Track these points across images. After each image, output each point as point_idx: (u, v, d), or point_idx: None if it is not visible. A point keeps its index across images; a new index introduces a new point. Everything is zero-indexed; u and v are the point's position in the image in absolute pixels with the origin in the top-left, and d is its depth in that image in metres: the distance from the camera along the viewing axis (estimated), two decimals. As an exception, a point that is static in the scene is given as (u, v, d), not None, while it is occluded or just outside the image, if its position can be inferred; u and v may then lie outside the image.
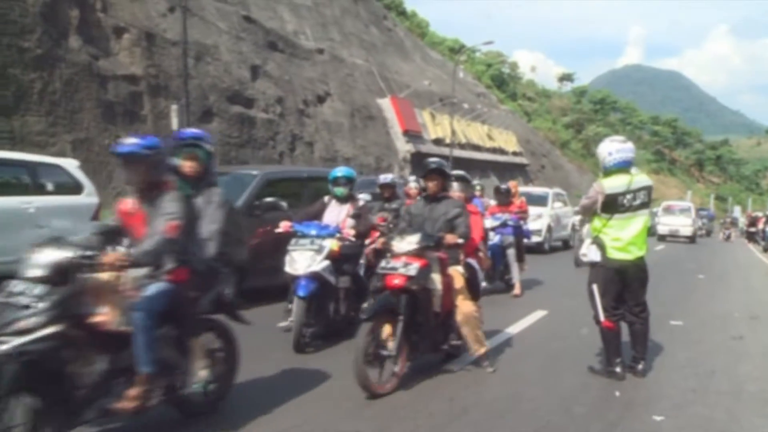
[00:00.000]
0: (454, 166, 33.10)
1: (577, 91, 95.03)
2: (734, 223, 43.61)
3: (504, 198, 10.18)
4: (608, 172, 5.19)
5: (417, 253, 4.81)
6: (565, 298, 9.32)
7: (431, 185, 5.28)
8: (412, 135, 35.34)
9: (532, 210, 16.11)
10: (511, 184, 10.69)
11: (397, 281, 4.71)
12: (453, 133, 37.00)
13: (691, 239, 27.93)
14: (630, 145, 5.26)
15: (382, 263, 4.95)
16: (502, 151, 46.31)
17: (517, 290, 9.53)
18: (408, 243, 4.87)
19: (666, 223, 27.73)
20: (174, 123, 18.33)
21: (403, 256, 4.80)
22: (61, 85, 16.73)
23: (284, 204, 7.87)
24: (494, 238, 9.09)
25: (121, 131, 18.32)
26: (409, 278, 4.69)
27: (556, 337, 6.85)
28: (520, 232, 9.94)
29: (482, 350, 5.24)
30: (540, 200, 17.89)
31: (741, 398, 4.95)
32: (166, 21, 21.37)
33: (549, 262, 14.76)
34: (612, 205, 5.09)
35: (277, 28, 28.71)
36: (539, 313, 8.05)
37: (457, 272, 5.18)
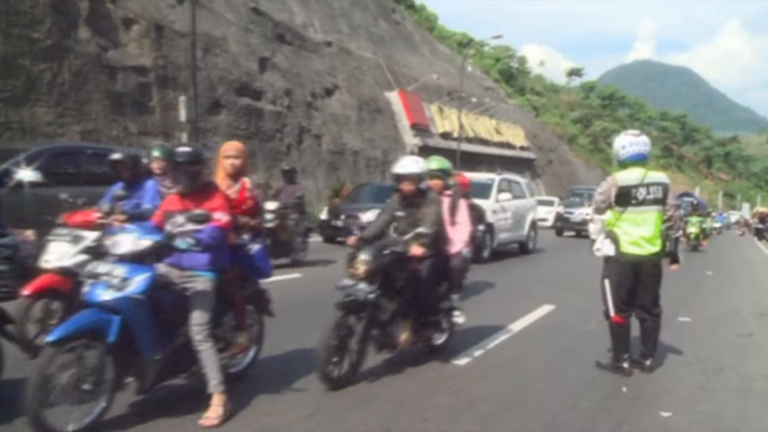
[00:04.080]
0: (461, 160, 33.18)
1: (585, 86, 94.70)
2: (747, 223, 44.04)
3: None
4: (623, 165, 5.20)
5: None
6: (572, 293, 9.32)
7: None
8: (420, 128, 35.27)
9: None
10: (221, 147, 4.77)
11: None
12: (461, 127, 36.94)
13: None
14: (644, 138, 5.24)
15: None
16: (509, 146, 46.19)
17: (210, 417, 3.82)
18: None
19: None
20: (182, 115, 18.37)
21: None
22: (70, 76, 16.76)
23: None
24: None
25: (130, 122, 18.37)
26: None
27: (563, 331, 6.83)
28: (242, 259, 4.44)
29: None
30: (480, 190, 13.18)
31: (749, 396, 4.93)
32: (175, 12, 21.37)
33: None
34: (625, 198, 5.08)
35: (286, 21, 28.67)
36: (546, 308, 8.04)
37: None
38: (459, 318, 5.54)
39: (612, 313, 5.19)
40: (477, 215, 8.02)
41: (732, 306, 9.33)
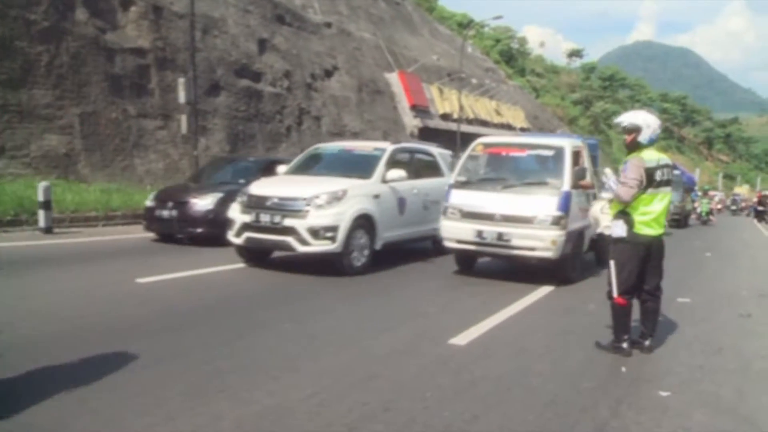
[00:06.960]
0: (462, 141, 33.04)
1: (586, 67, 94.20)
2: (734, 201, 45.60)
3: None
4: (645, 146, 5.13)
5: None
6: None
7: None
8: (420, 110, 35.13)
9: (319, 184, 8.60)
10: None
11: None
12: (461, 108, 36.76)
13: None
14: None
15: None
16: (510, 127, 46.00)
17: None
18: None
19: (479, 213, 8.32)
20: (181, 96, 18.25)
21: None
22: (68, 58, 16.66)
23: None
24: None
25: (129, 104, 18.29)
26: None
27: (563, 312, 6.86)
28: None
29: None
30: (361, 166, 9.33)
31: (748, 375, 4.95)
32: (173, -7, 21.18)
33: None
34: (649, 179, 5.05)
35: (285, 2, 28.43)
36: (546, 289, 8.06)
37: None
38: None
39: (616, 294, 5.19)
40: None
41: (731, 287, 9.35)
